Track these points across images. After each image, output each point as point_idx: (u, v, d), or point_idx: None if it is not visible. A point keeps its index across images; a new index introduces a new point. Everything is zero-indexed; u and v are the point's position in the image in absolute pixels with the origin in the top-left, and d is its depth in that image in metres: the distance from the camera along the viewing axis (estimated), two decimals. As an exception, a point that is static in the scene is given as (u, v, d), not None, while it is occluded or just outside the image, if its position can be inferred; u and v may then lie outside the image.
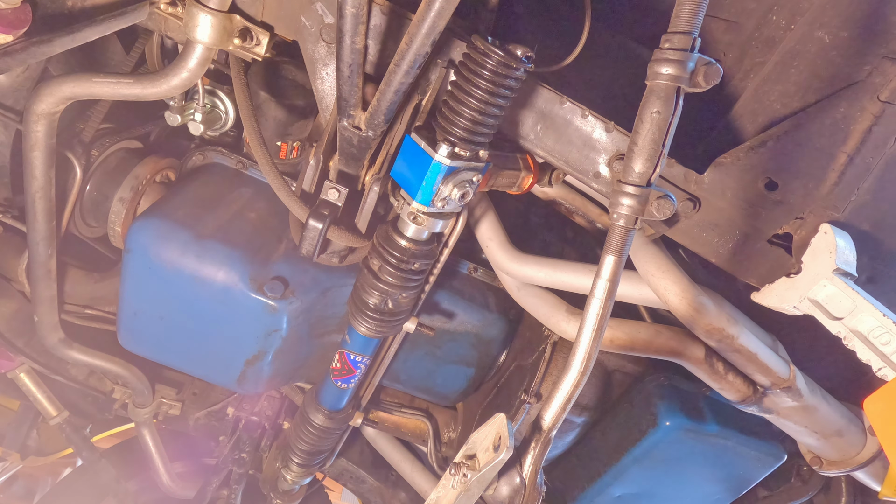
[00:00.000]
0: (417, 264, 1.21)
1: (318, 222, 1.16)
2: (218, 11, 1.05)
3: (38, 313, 1.49)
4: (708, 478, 1.61)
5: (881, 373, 1.06)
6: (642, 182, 0.90)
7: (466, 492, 0.93)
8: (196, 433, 2.11)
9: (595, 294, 0.93)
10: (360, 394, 1.69)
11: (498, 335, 1.67)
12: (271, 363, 1.45)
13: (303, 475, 1.79)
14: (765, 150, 1.14)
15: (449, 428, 1.86)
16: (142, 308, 1.41)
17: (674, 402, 1.48)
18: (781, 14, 1.18)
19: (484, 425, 0.95)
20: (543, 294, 1.46)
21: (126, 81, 1.12)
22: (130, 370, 1.76)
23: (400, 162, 1.12)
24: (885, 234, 1.20)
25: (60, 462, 2.68)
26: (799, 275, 1.14)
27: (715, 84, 0.87)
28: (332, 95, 1.16)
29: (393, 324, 1.32)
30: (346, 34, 0.94)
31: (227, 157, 1.55)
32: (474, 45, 0.99)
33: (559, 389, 0.96)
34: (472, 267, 1.64)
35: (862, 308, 1.06)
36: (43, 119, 1.17)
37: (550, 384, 1.49)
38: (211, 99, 1.51)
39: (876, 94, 1.07)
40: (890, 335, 1.05)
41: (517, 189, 1.29)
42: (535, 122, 1.18)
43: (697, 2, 0.82)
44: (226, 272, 1.32)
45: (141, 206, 1.54)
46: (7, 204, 1.43)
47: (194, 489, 2.08)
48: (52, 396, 1.86)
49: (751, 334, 1.30)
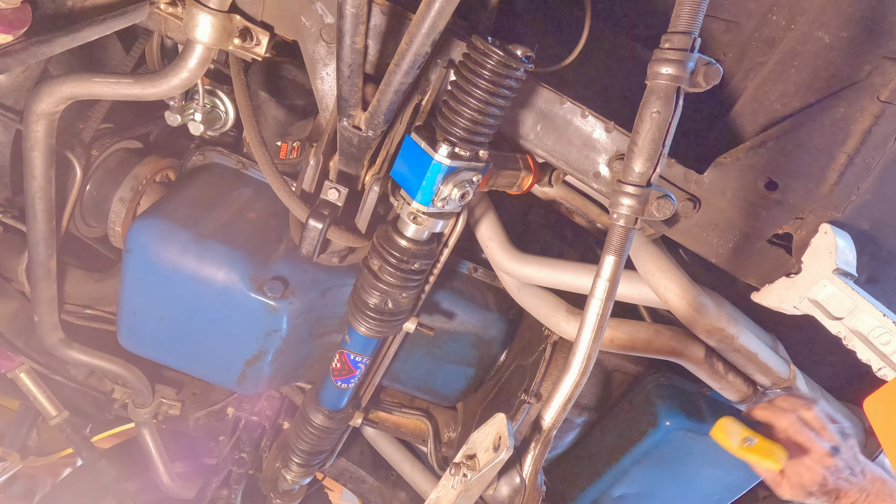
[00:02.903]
0: (417, 264, 1.21)
1: (318, 222, 1.16)
2: (218, 11, 1.05)
3: (38, 313, 1.49)
4: (708, 478, 1.61)
5: (881, 373, 1.06)
6: (642, 182, 0.90)
7: (466, 492, 0.93)
8: (196, 433, 2.11)
9: (595, 294, 0.93)
10: (360, 394, 1.68)
11: (498, 335, 1.67)
12: (271, 363, 1.45)
13: (303, 475, 1.79)
14: (765, 150, 1.14)
15: (449, 428, 1.86)
16: (142, 308, 1.41)
17: (674, 402, 1.48)
18: (781, 14, 1.18)
19: (484, 425, 0.95)
20: (543, 294, 1.46)
21: (126, 81, 1.12)
22: (130, 370, 1.76)
23: (400, 162, 1.12)
24: (885, 234, 1.20)
25: (60, 462, 2.67)
26: (799, 275, 1.14)
27: (715, 84, 0.87)
28: (332, 95, 1.16)
29: (393, 324, 1.32)
30: (346, 34, 0.94)
31: (227, 157, 1.55)
32: (474, 45, 0.99)
33: (559, 389, 0.97)
34: (472, 267, 1.64)
35: (862, 308, 1.06)
36: (43, 119, 1.17)
37: (550, 384, 1.49)
38: (211, 99, 1.50)
39: (876, 94, 1.07)
40: (890, 335, 1.05)
41: (517, 189, 1.29)
42: (535, 122, 1.18)
43: (697, 2, 0.82)
44: (226, 272, 1.32)
45: (141, 206, 1.54)
46: (7, 204, 1.43)
47: (194, 489, 2.08)
48: (52, 396, 1.86)
49: (751, 334, 1.30)
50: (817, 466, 1.08)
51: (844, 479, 1.09)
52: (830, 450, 1.10)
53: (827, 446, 1.10)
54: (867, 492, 1.09)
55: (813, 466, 1.08)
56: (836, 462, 1.09)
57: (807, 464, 1.09)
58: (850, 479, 1.09)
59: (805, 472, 1.09)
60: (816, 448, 1.10)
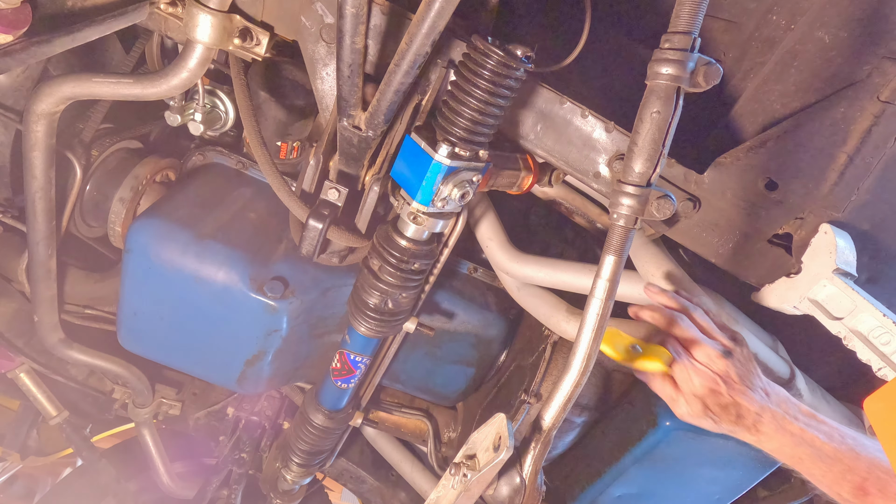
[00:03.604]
0: (417, 264, 1.21)
1: (318, 222, 1.16)
2: (218, 11, 1.05)
3: (38, 313, 1.49)
4: (708, 478, 1.61)
5: (881, 373, 1.06)
6: (642, 182, 0.90)
7: (466, 492, 0.93)
8: (196, 433, 2.11)
9: (595, 294, 0.93)
10: (360, 394, 1.69)
11: (498, 335, 1.67)
12: (271, 363, 1.45)
13: (303, 475, 1.79)
14: (765, 150, 1.14)
15: (449, 428, 1.86)
16: (142, 308, 1.41)
17: (674, 402, 1.48)
18: (781, 14, 1.18)
19: (484, 425, 0.95)
20: (543, 294, 1.46)
21: (126, 81, 1.12)
22: (130, 370, 1.76)
23: (400, 162, 1.12)
24: (885, 234, 1.20)
25: (60, 462, 2.67)
26: (799, 275, 1.14)
27: (715, 84, 0.87)
28: (332, 95, 1.16)
29: (393, 324, 1.32)
30: (346, 34, 0.94)
31: (227, 157, 1.55)
32: (474, 45, 0.99)
33: (559, 389, 0.96)
34: (472, 267, 1.64)
35: (862, 308, 1.06)
36: (43, 119, 1.17)
37: (550, 384, 1.49)
38: (211, 99, 1.50)
39: (876, 94, 1.07)
40: (890, 335, 1.05)
41: (517, 189, 1.29)
42: (535, 122, 1.18)
43: (697, 2, 0.82)
44: (226, 272, 1.32)
45: (141, 206, 1.54)
46: (7, 204, 1.43)
47: (194, 489, 2.08)
48: (52, 396, 1.86)
49: (751, 334, 1.30)
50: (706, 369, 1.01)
51: (741, 392, 1.01)
52: (721, 351, 1.03)
53: (716, 346, 1.04)
54: (772, 411, 1.01)
55: (702, 370, 1.01)
56: (729, 368, 1.01)
57: (696, 366, 1.02)
58: (747, 394, 1.01)
59: (695, 375, 1.01)
60: (704, 347, 1.03)
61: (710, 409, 1.02)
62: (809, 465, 1.01)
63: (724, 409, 1.02)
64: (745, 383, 1.02)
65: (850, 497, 0.99)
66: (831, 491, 1.02)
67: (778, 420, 1.02)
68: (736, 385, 1.02)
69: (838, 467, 0.99)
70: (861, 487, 0.98)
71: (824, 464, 1.00)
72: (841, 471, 0.99)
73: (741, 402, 1.01)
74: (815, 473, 1.02)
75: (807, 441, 1.01)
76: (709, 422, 1.04)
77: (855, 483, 0.98)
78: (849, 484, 0.99)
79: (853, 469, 0.98)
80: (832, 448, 1.00)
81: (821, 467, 1.00)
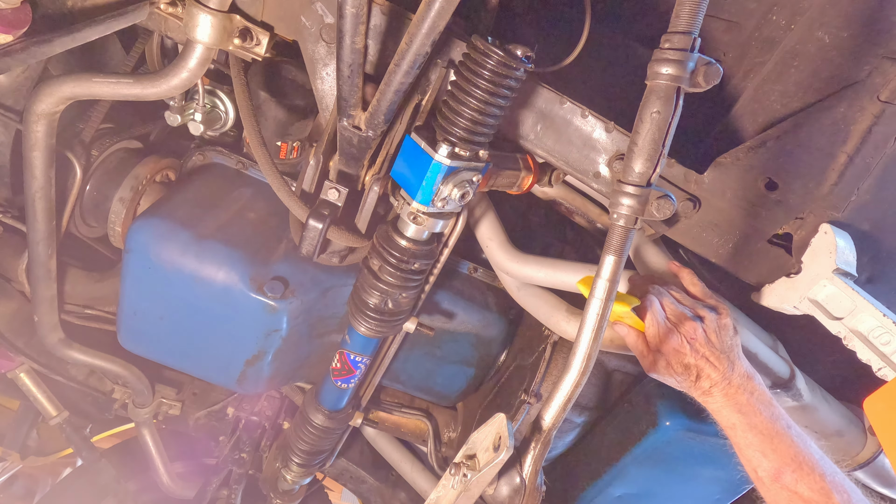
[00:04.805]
0: (417, 264, 1.21)
1: (318, 222, 1.16)
2: (218, 11, 1.05)
3: (38, 313, 1.49)
4: (708, 478, 1.61)
5: (881, 373, 1.06)
6: (642, 182, 0.90)
7: (466, 492, 0.93)
8: (196, 433, 2.11)
9: (595, 294, 0.93)
10: (360, 394, 1.69)
11: (498, 335, 1.67)
12: (271, 363, 1.45)
13: (303, 475, 1.79)
14: (765, 150, 1.14)
15: (449, 428, 1.86)
16: (142, 308, 1.41)
17: (674, 402, 1.48)
18: (781, 14, 1.18)
19: (484, 425, 0.95)
20: (543, 294, 1.46)
21: (126, 81, 1.12)
22: (130, 370, 1.76)
23: (400, 162, 1.12)
24: (885, 234, 1.20)
25: (60, 462, 2.67)
26: (799, 275, 1.14)
27: (715, 84, 0.87)
28: (332, 95, 1.16)
29: (393, 324, 1.32)
30: (346, 34, 0.94)
31: (227, 157, 1.55)
32: (474, 45, 0.99)
33: (559, 389, 0.96)
34: (472, 267, 1.64)
35: (862, 308, 1.06)
36: (43, 119, 1.17)
37: (550, 384, 1.49)
38: (211, 99, 1.50)
39: (876, 94, 1.07)
40: (890, 335, 1.05)
41: (517, 189, 1.29)
42: (535, 122, 1.18)
43: (697, 2, 0.82)
44: (226, 272, 1.32)
45: (141, 206, 1.54)
46: (7, 204, 1.43)
47: (194, 489, 2.08)
48: (52, 396, 1.86)
49: (750, 334, 1.30)
50: (675, 329, 1.07)
51: (703, 357, 1.06)
52: (692, 316, 1.09)
53: (687, 311, 1.10)
54: (730, 380, 1.05)
55: (670, 330, 1.07)
56: (696, 331, 1.07)
57: (666, 325, 1.08)
58: (710, 359, 1.06)
59: (665, 335, 1.07)
60: (674, 309, 1.10)
61: (672, 367, 1.08)
62: (741, 432, 1.04)
63: (686, 369, 1.07)
64: (711, 349, 1.07)
65: (763, 475, 1.02)
66: (749, 464, 1.04)
67: (731, 390, 1.06)
68: (701, 349, 1.06)
69: (766, 445, 1.01)
70: (778, 471, 1.00)
71: (754, 436, 1.03)
72: (767, 449, 1.01)
73: (702, 367, 1.06)
74: (740, 443, 1.05)
75: (748, 412, 1.04)
76: (672, 380, 1.10)
77: (774, 465, 1.00)
78: (768, 462, 1.01)
79: (779, 453, 1.00)
80: (769, 426, 1.03)
81: (749, 438, 1.03)
